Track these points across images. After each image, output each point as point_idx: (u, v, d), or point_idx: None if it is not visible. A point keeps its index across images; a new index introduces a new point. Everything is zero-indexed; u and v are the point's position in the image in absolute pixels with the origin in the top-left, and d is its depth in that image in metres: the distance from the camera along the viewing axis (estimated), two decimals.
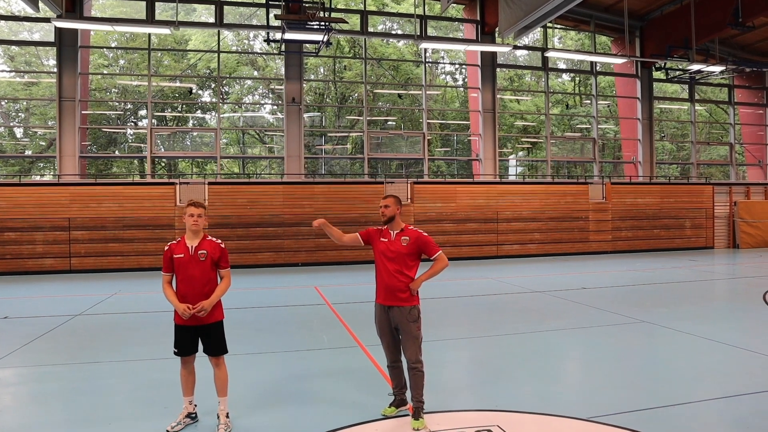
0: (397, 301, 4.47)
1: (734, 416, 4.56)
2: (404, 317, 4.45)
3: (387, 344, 4.63)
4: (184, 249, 4.37)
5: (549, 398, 5.03)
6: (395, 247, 4.53)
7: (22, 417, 4.81)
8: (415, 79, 22.00)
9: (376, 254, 4.63)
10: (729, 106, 24.44)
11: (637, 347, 7.00)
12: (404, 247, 4.52)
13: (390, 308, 4.50)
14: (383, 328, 4.59)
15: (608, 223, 20.06)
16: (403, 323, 4.45)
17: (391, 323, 4.52)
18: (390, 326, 4.54)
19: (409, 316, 4.45)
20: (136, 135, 20.37)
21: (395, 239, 4.56)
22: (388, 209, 4.58)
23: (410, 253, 4.52)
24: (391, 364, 4.65)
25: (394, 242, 4.56)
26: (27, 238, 15.39)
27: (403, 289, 4.47)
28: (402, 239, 4.54)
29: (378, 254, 4.62)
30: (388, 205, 4.58)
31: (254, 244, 16.60)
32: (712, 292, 11.98)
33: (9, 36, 19.61)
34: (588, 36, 22.98)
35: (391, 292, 4.48)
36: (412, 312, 4.47)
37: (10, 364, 6.43)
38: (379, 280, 4.63)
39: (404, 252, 4.51)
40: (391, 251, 4.53)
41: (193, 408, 4.51)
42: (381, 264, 4.59)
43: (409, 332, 4.44)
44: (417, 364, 4.44)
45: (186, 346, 4.40)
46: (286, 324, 8.61)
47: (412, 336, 4.44)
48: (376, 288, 4.65)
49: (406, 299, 4.47)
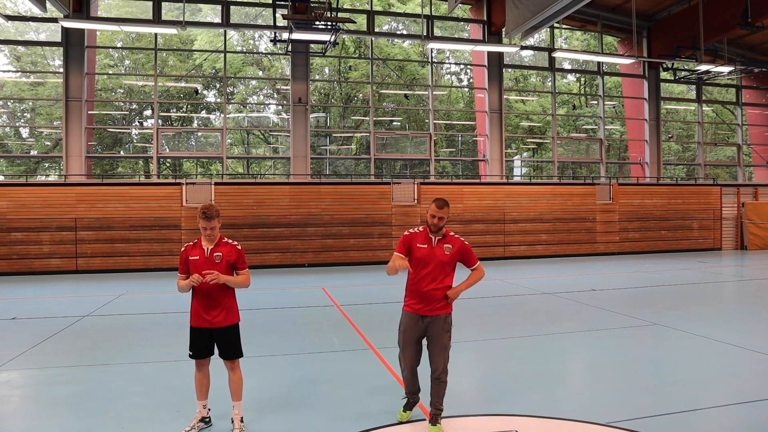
0: (435, 310, 4.28)
1: (750, 422, 4.48)
2: (439, 327, 4.27)
3: (411, 354, 4.41)
4: (200, 251, 4.33)
5: (563, 402, 4.98)
6: (438, 254, 4.29)
7: (31, 420, 4.77)
8: (421, 80, 21.94)
9: (413, 261, 4.32)
10: (736, 107, 24.31)
11: (649, 350, 6.94)
12: (447, 256, 4.29)
13: (424, 317, 4.30)
14: (411, 337, 4.36)
15: (615, 224, 19.97)
16: (436, 333, 4.27)
17: (421, 333, 4.33)
18: (419, 336, 4.35)
19: (445, 325, 4.29)
20: (142, 135, 20.36)
21: (437, 246, 4.32)
22: (442, 221, 4.28)
23: (452, 262, 4.34)
24: (411, 372, 4.48)
25: (436, 249, 4.31)
26: (34, 238, 15.39)
27: (440, 299, 4.29)
28: (445, 247, 4.31)
29: (415, 261, 4.32)
30: (443, 217, 4.27)
31: (261, 245, 16.57)
32: (723, 294, 11.88)
33: (15, 36, 19.64)
34: (594, 36, 22.88)
35: (429, 302, 4.28)
36: (447, 320, 4.31)
37: (20, 365, 6.40)
38: (413, 289, 4.36)
39: (446, 260, 4.29)
40: (432, 259, 4.28)
41: (206, 412, 4.47)
42: (418, 271, 4.31)
43: (441, 342, 4.27)
44: (443, 374, 4.28)
45: (201, 349, 4.36)
46: (296, 326, 8.56)
47: (443, 346, 4.27)
48: (408, 295, 4.40)
49: (442, 307, 4.30)
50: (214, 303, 4.30)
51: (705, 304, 10.28)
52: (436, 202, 4.29)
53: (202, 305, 4.31)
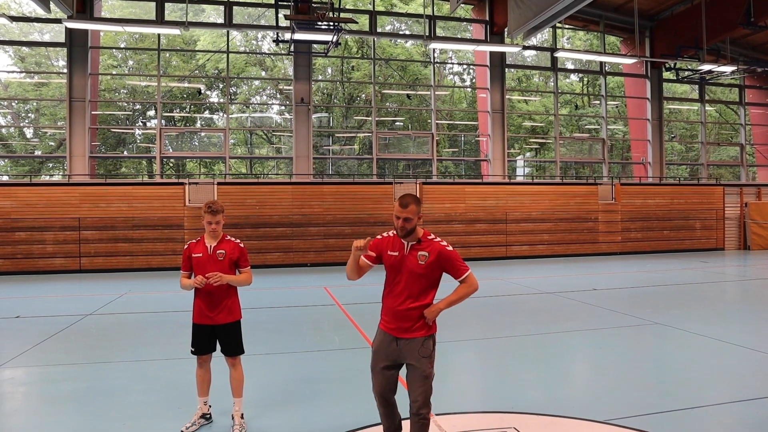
0: (407, 332, 3.40)
1: (750, 420, 4.49)
2: (414, 351, 3.38)
3: (380, 381, 3.50)
4: (203, 248, 4.37)
5: (563, 400, 4.99)
6: (409, 264, 3.39)
7: (35, 417, 4.81)
8: (423, 80, 21.96)
9: (386, 268, 3.55)
10: (739, 107, 24.25)
11: (649, 349, 6.94)
12: (420, 266, 3.37)
13: (398, 340, 3.43)
14: (381, 360, 3.49)
15: (618, 224, 19.94)
16: (413, 359, 3.39)
17: (395, 356, 3.46)
18: (393, 360, 3.47)
19: (422, 350, 3.38)
20: (145, 135, 20.42)
21: (409, 254, 3.41)
22: (409, 223, 3.36)
23: (428, 273, 3.40)
24: (382, 403, 3.56)
25: (408, 258, 3.41)
26: (37, 237, 15.47)
27: (416, 318, 3.40)
28: (419, 255, 3.38)
29: (387, 271, 3.55)
30: (410, 218, 3.34)
31: (263, 245, 16.61)
32: (725, 294, 11.86)
33: (20, 37, 19.73)
34: (597, 36, 22.86)
35: (403, 322, 3.41)
36: (426, 344, 3.40)
37: (23, 363, 6.45)
38: (385, 303, 3.52)
39: (420, 272, 3.38)
40: (403, 270, 3.41)
41: (207, 408, 4.50)
42: (390, 284, 3.50)
43: (420, 370, 3.36)
44: (423, 409, 3.35)
45: (203, 345, 4.40)
46: (298, 325, 8.60)
47: (422, 375, 3.36)
48: (383, 310, 3.55)
49: (419, 328, 3.40)
50: (216, 301, 4.34)
51: (706, 303, 10.27)
52: (399, 200, 3.41)
53: (204, 303, 4.35)
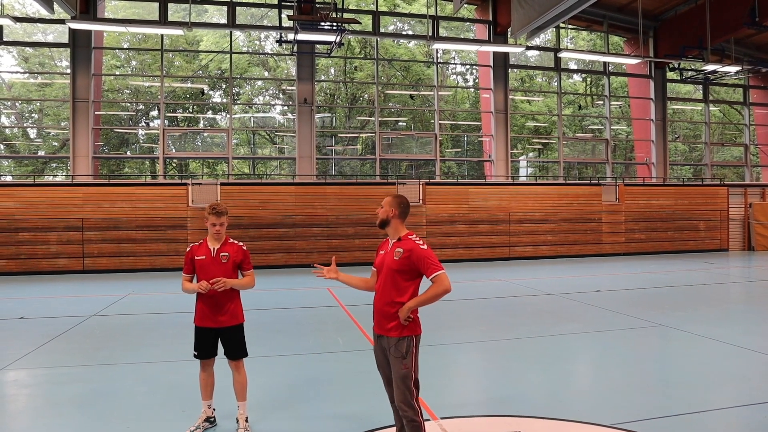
0: (385, 330, 3.53)
1: (758, 425, 4.44)
2: (389, 351, 3.52)
3: (383, 380, 3.74)
4: (206, 251, 4.36)
5: (567, 403, 4.96)
6: (387, 260, 3.59)
7: (38, 419, 4.80)
8: (426, 80, 21.94)
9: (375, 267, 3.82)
10: (744, 107, 24.16)
11: (654, 351, 6.91)
12: (395, 262, 3.52)
13: (380, 338, 3.61)
14: (376, 358, 3.71)
15: (621, 225, 19.89)
16: (389, 356, 3.53)
17: (383, 354, 3.64)
18: (384, 358, 3.64)
19: (395, 351, 3.47)
20: (148, 136, 20.44)
21: (390, 251, 3.61)
22: (381, 210, 3.66)
23: (402, 270, 3.51)
24: (391, 401, 3.70)
25: (387, 254, 3.62)
26: (41, 238, 15.49)
27: (390, 316, 3.52)
28: (396, 252, 3.55)
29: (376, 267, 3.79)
30: (383, 205, 3.66)
31: (266, 245, 16.61)
32: (729, 295, 11.81)
33: (23, 38, 19.78)
34: (600, 36, 22.80)
35: (379, 318, 3.60)
36: (399, 346, 3.47)
37: (27, 365, 6.45)
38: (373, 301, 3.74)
39: (395, 268, 3.52)
40: (383, 266, 3.62)
41: (211, 412, 4.48)
42: (377, 279, 3.72)
43: (396, 370, 3.48)
44: (407, 411, 3.44)
45: (206, 349, 4.38)
46: (301, 326, 8.58)
47: (398, 375, 3.47)
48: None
49: (393, 328, 3.50)
50: (220, 305, 4.32)
51: (711, 305, 10.22)
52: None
53: (207, 306, 4.33)
